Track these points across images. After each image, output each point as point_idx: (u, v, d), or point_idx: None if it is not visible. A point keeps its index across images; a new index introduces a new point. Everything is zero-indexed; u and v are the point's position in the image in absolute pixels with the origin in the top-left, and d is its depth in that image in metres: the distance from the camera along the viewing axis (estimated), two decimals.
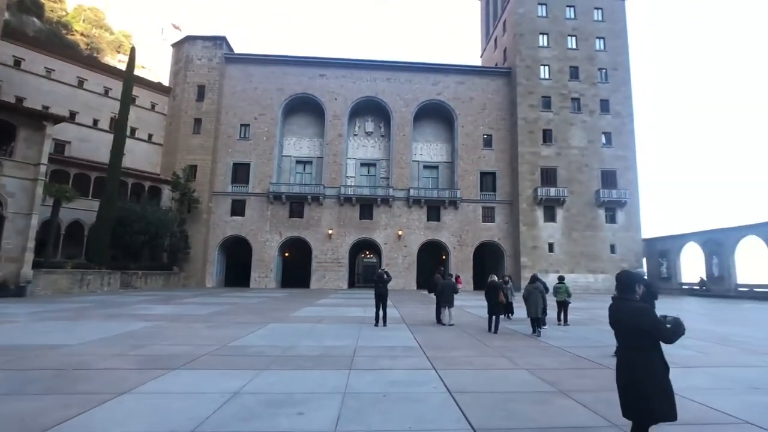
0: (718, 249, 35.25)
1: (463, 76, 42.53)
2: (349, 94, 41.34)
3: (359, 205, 39.76)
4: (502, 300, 12.43)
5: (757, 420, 4.97)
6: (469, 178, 40.67)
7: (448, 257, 39.71)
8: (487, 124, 41.73)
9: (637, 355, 3.53)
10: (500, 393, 6.15)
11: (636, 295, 3.72)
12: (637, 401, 3.49)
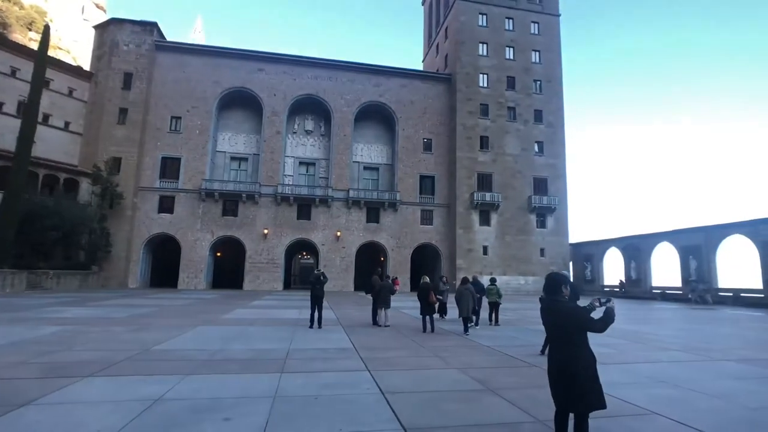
0: (636, 254, 38.85)
1: (406, 80, 43.30)
2: (289, 91, 40.52)
3: (297, 204, 39.07)
4: (432, 300, 12.82)
5: (662, 411, 5.54)
6: (408, 181, 41.44)
7: (387, 259, 40.17)
8: (428, 129, 42.79)
9: (571, 350, 3.79)
10: (432, 392, 6.32)
11: (563, 295, 4.02)
12: (574, 393, 3.72)
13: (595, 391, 3.73)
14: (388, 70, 43.08)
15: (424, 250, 42.11)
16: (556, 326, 3.97)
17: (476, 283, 14.85)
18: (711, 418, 5.33)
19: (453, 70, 43.73)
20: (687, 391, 6.60)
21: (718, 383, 7.14)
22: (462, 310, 12.66)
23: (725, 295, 30.98)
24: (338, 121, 41.05)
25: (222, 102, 39.93)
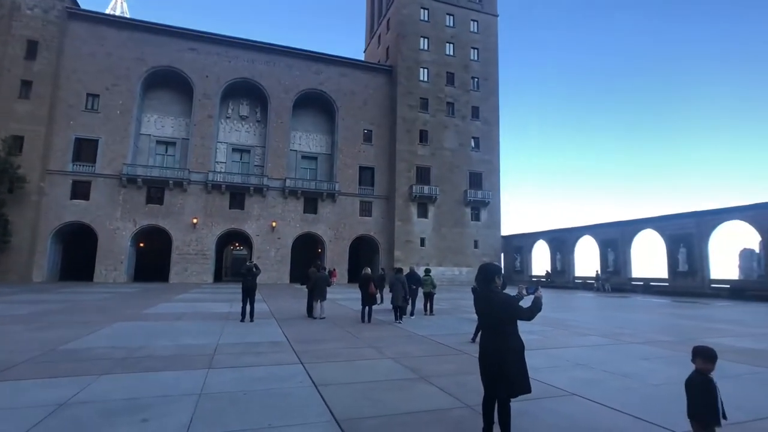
0: (561, 246, 41.68)
1: (347, 69, 42.87)
2: (223, 74, 38.55)
3: (229, 193, 37.44)
4: (373, 291, 12.93)
5: (580, 392, 5.97)
6: (348, 172, 41.25)
7: (324, 250, 39.82)
8: (368, 120, 42.76)
9: (501, 338, 3.96)
10: (366, 383, 6.35)
11: (496, 285, 4.18)
12: (501, 379, 3.90)
13: (521, 377, 3.91)
14: (328, 58, 42.38)
15: (363, 241, 42.27)
16: (489, 315, 4.10)
17: (412, 274, 15.16)
18: (621, 395, 5.84)
19: (394, 63, 43.96)
20: (602, 372, 7.18)
21: (628, 364, 7.84)
22: (394, 298, 12.96)
23: (637, 284, 34.20)
24: (275, 107, 39.79)
25: (147, 81, 37.13)
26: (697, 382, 3.45)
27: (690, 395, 3.46)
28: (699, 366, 3.47)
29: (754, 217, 27.31)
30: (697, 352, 3.50)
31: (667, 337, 11.06)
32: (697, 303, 23.52)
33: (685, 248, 30.73)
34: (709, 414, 3.35)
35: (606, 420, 4.90)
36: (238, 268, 45.74)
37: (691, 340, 10.50)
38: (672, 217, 32.19)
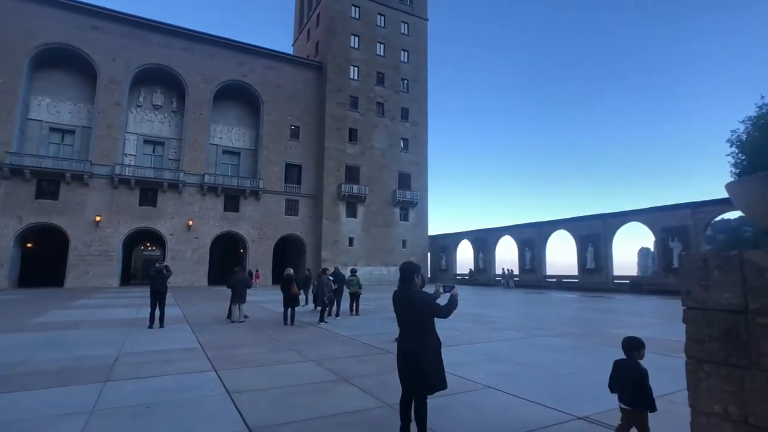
0: (483, 245, 43.78)
1: (274, 62, 41.61)
2: (133, 58, 35.59)
3: (140, 188, 34.67)
4: (295, 292, 12.62)
5: (496, 384, 6.23)
6: (273, 169, 40.03)
7: (246, 250, 38.30)
8: (296, 116, 41.86)
9: (419, 336, 4.01)
10: (284, 387, 6.13)
11: (416, 284, 4.23)
12: (421, 377, 3.92)
13: (438, 374, 3.98)
14: (254, 50, 40.84)
15: (289, 241, 41.28)
16: (408, 313, 4.12)
17: (337, 274, 15.04)
18: (533, 386, 6.18)
19: (324, 59, 43.47)
20: (516, 365, 7.57)
21: (540, 356, 8.35)
22: (319, 299, 12.78)
23: (551, 280, 36.89)
24: (194, 98, 37.53)
25: (38, 59, 33.20)
26: (645, 370, 3.67)
27: (640, 386, 3.62)
28: (639, 357, 3.72)
29: (650, 219, 30.65)
30: (638, 344, 3.74)
31: (576, 330, 11.98)
32: (602, 297, 25.86)
33: (592, 247, 33.70)
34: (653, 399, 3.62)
35: (519, 411, 5.14)
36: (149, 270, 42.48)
37: (596, 332, 11.47)
38: (582, 219, 35.15)
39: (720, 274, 2.52)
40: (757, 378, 2.32)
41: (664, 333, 10.80)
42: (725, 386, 2.45)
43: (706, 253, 2.61)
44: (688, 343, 2.64)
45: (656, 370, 7.17)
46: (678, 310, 2.75)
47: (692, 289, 2.64)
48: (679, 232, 28.37)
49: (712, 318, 2.53)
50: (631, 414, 3.69)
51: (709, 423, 2.52)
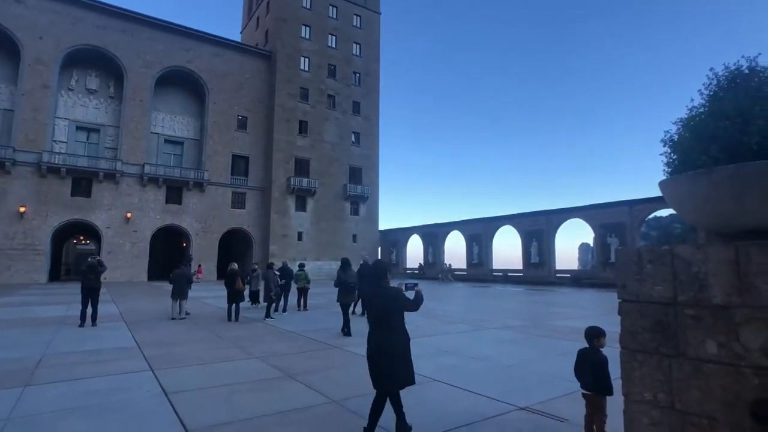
0: (433, 240, 44.56)
1: (220, 49, 39.87)
2: (64, 37, 32.83)
3: (72, 178, 32.16)
4: (240, 287, 12.21)
5: (443, 377, 6.28)
6: (219, 160, 38.48)
7: (190, 244, 36.66)
8: (244, 105, 40.43)
9: (390, 332, 4.08)
10: (227, 386, 5.87)
11: (387, 281, 4.34)
12: (392, 375, 3.99)
13: (407, 369, 4.08)
14: (199, 35, 38.90)
15: (235, 235, 39.96)
16: (380, 309, 4.18)
17: (284, 269, 14.72)
18: (479, 378, 6.31)
19: (274, 48, 42.22)
20: (463, 357, 7.71)
21: (486, 348, 8.56)
22: (264, 295, 12.50)
23: (497, 274, 38.18)
24: (134, 83, 35.25)
25: None
26: (605, 357, 3.87)
27: (599, 372, 3.79)
28: (598, 343, 3.94)
29: (589, 216, 32.42)
30: (598, 333, 3.97)
31: (520, 322, 12.42)
32: (546, 290, 27.09)
33: (536, 242, 35.20)
34: (611, 384, 3.78)
35: (463, 403, 5.21)
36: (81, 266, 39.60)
37: (540, 324, 11.95)
38: (527, 215, 36.59)
39: (652, 268, 2.62)
40: (683, 366, 2.43)
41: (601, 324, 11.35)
42: (655, 375, 2.55)
43: (640, 249, 2.71)
44: (623, 334, 2.73)
45: None
46: (615, 303, 2.85)
47: (627, 283, 2.73)
48: (617, 229, 30.24)
49: (645, 310, 2.63)
50: (591, 399, 3.87)
51: (640, 410, 2.62)
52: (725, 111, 2.60)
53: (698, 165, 2.64)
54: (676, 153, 2.97)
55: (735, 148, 2.52)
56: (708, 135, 2.65)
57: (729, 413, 2.24)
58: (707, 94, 2.92)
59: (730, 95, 2.71)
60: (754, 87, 2.68)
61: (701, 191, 2.54)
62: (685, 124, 2.94)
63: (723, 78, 2.86)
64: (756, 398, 2.14)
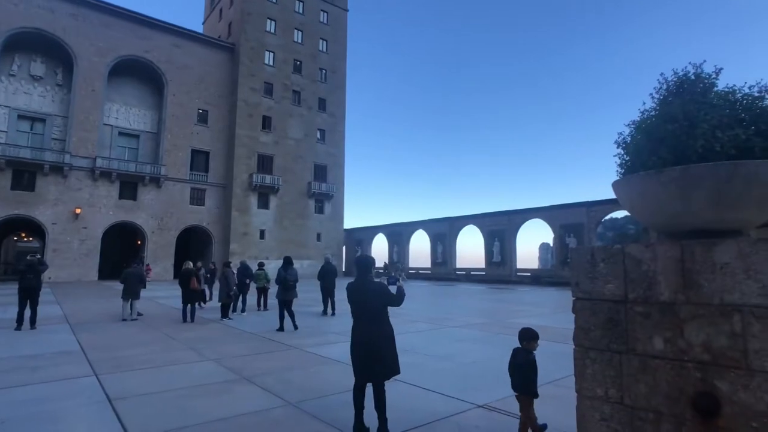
0: (398, 239, 44.74)
1: (181, 40, 38.49)
2: (4, 19, 30.70)
3: (12, 170, 30.15)
4: (195, 287, 11.80)
5: (403, 377, 6.08)
6: (178, 155, 37.15)
7: (145, 242, 35.23)
8: (205, 99, 39.21)
9: (377, 324, 4.21)
10: (178, 390, 5.62)
11: (372, 276, 4.46)
12: (378, 363, 4.12)
13: (395, 359, 4.27)
14: (158, 24, 37.39)
15: (194, 233, 38.75)
16: (366, 303, 4.27)
17: (244, 268, 14.37)
18: (438, 377, 6.32)
19: (237, 41, 41.15)
20: (423, 356, 7.72)
21: (447, 346, 8.62)
22: (220, 294, 12.15)
23: (461, 273, 38.77)
24: (85, 71, 33.46)
25: None
26: (532, 359, 3.91)
27: (525, 372, 3.84)
28: (528, 346, 3.97)
29: (550, 216, 33.42)
30: (529, 335, 3.98)
31: (481, 320, 12.62)
32: (507, 289, 27.72)
33: (498, 242, 35.98)
34: (535, 387, 3.85)
35: (422, 402, 5.21)
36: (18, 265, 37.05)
37: (499, 322, 12.17)
38: (490, 215, 37.33)
39: (605, 267, 2.66)
40: (632, 362, 2.49)
41: (559, 322, 11.75)
42: (607, 371, 2.60)
43: (594, 248, 2.76)
44: (577, 332, 2.78)
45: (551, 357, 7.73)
46: (571, 301, 2.89)
47: (581, 281, 2.78)
48: (575, 229, 31.33)
49: (597, 307, 2.67)
50: (518, 399, 3.93)
51: (591, 406, 2.66)
52: (674, 114, 2.68)
53: (649, 166, 2.71)
54: (628, 154, 3.04)
55: (682, 151, 2.59)
56: (658, 137, 2.73)
57: (673, 406, 2.31)
58: (658, 98, 3.01)
59: (678, 100, 2.80)
60: (699, 93, 2.78)
61: (651, 191, 2.61)
62: (637, 126, 3.02)
63: (672, 83, 2.96)
64: (697, 391, 2.21)
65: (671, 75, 2.98)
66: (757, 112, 2.55)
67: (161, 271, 34.25)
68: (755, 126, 2.50)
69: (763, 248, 2.10)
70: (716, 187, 2.36)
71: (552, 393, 5.51)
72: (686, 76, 2.90)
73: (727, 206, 2.41)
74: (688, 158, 2.55)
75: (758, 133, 2.48)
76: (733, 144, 2.47)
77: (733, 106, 2.60)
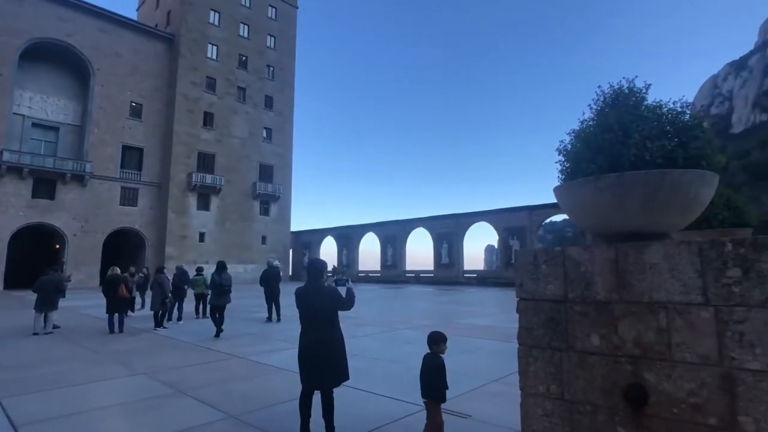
0: (347, 242, 44.66)
1: (111, 25, 36.30)
2: None
3: None
4: (124, 295, 11.15)
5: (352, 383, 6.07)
6: (106, 150, 34.95)
7: (65, 246, 32.74)
8: (139, 91, 37.21)
9: (328, 330, 4.21)
10: (101, 409, 5.26)
11: (324, 280, 4.46)
12: (332, 371, 4.14)
13: (345, 365, 4.30)
14: (82, 5, 35.05)
15: (124, 236, 36.60)
16: (318, 308, 4.23)
17: (180, 274, 13.79)
18: (387, 381, 6.40)
19: (177, 31, 39.44)
20: (372, 360, 7.78)
21: (395, 350, 8.73)
22: (153, 302, 11.54)
23: (410, 275, 39.36)
24: None
25: None
26: (440, 363, 3.89)
27: (434, 377, 3.82)
28: (437, 349, 3.94)
29: (495, 219, 34.74)
30: (437, 338, 3.96)
31: (429, 321, 12.87)
32: (454, 290, 28.47)
33: (447, 244, 36.93)
34: (444, 391, 3.85)
35: (372, 406, 5.26)
36: None
37: (447, 322, 12.48)
38: (438, 218, 38.22)
39: (546, 268, 2.84)
40: (572, 358, 2.67)
41: (504, 321, 12.25)
42: (548, 368, 2.77)
43: (536, 250, 2.94)
44: (520, 331, 2.94)
45: (496, 355, 8.06)
46: (515, 301, 3.04)
47: (524, 282, 2.94)
48: (518, 232, 32.79)
49: (540, 307, 2.85)
50: (426, 405, 3.90)
51: (534, 402, 2.83)
52: (610, 125, 2.91)
53: (587, 173, 2.92)
54: (568, 161, 3.26)
55: (617, 159, 2.82)
56: (595, 146, 2.94)
57: (608, 399, 2.51)
58: (596, 108, 3.25)
59: (614, 111, 3.04)
60: (632, 105, 3.04)
61: (588, 197, 2.81)
62: (577, 135, 3.24)
63: (608, 95, 3.21)
64: (629, 384, 2.42)
65: (607, 88, 3.23)
66: (680, 126, 2.83)
67: (85, 278, 32.03)
68: (678, 138, 2.77)
69: (685, 250, 2.35)
70: (646, 193, 2.59)
71: (498, 390, 5.76)
72: (621, 89, 3.16)
73: (655, 211, 2.65)
74: (621, 166, 2.78)
75: (680, 144, 2.75)
76: (660, 154, 2.72)
77: (660, 119, 2.87)
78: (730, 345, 2.17)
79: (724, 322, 2.20)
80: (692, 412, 2.24)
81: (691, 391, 2.25)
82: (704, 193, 2.65)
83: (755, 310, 2.12)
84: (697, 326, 2.27)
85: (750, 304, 2.14)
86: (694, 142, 2.77)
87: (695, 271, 2.31)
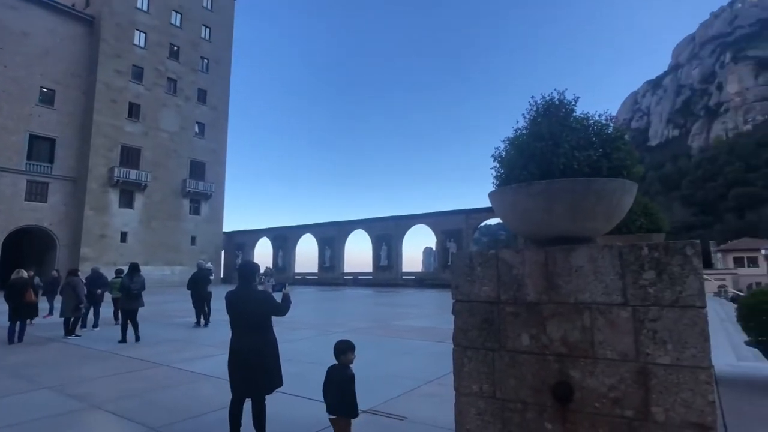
0: (283, 243, 43.70)
1: (19, 1, 33.02)
2: None
3: None
4: (32, 300, 10.15)
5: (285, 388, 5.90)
6: (9, 139, 31.69)
7: None
8: (51, 76, 34.13)
9: (261, 335, 4.08)
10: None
11: (256, 284, 4.39)
12: (265, 377, 4.03)
13: (279, 371, 4.19)
14: None
15: (31, 235, 33.36)
16: (250, 313, 4.10)
17: (96, 277, 12.81)
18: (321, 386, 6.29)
19: (98, 14, 36.66)
20: (307, 364, 7.64)
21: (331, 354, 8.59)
22: (64, 308, 10.59)
23: (348, 278, 39.25)
24: None
25: None
26: (350, 375, 3.62)
27: (346, 391, 3.55)
28: (346, 360, 3.67)
29: (433, 222, 35.58)
30: (345, 347, 3.71)
31: (366, 324, 12.91)
32: (393, 292, 28.79)
33: (386, 246, 37.26)
34: (355, 405, 3.61)
35: (306, 412, 5.15)
36: None
37: (385, 325, 12.58)
38: (378, 220, 38.49)
39: (481, 270, 2.93)
40: (503, 358, 2.77)
41: (440, 323, 12.53)
42: (482, 368, 2.85)
43: (472, 253, 3.03)
44: (456, 332, 3.00)
45: (432, 357, 8.21)
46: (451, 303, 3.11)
47: (460, 284, 3.01)
48: (455, 235, 33.81)
49: (475, 309, 2.93)
50: (335, 422, 3.58)
51: (468, 402, 2.90)
52: (541, 134, 3.06)
53: (520, 179, 3.06)
54: (503, 167, 3.39)
55: (548, 166, 2.97)
56: (528, 153, 3.09)
57: (537, 396, 2.63)
58: (529, 118, 3.42)
59: (546, 121, 3.20)
60: (562, 116, 3.23)
61: (521, 202, 2.94)
62: (511, 142, 3.38)
63: (541, 106, 3.39)
64: (556, 381, 2.55)
65: (540, 99, 3.41)
66: (604, 137, 3.05)
67: None
68: (602, 149, 2.98)
69: (608, 254, 2.52)
70: (574, 200, 2.75)
71: (433, 391, 5.88)
72: (552, 100, 3.35)
73: (582, 217, 2.82)
74: (552, 173, 2.93)
75: (605, 155, 2.96)
76: (587, 163, 2.91)
77: (587, 131, 3.07)
78: (645, 342, 2.36)
79: (641, 321, 2.38)
80: (612, 406, 2.40)
81: (612, 386, 2.41)
82: (626, 200, 2.86)
83: (667, 309, 2.32)
84: (617, 325, 2.44)
85: (662, 304, 2.34)
86: (617, 153, 2.99)
87: (616, 273, 2.48)
